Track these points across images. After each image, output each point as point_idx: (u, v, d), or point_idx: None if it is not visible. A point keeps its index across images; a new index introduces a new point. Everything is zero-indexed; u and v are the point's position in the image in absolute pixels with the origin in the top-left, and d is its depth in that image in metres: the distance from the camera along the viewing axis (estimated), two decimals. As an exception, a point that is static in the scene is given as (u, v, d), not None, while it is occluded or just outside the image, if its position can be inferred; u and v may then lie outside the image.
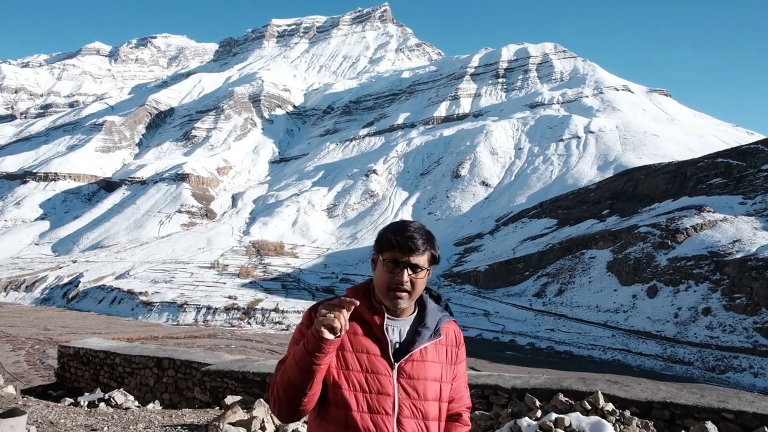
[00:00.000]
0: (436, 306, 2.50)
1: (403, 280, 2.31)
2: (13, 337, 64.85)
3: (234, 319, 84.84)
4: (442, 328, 2.44)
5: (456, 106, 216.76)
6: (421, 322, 2.41)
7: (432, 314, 2.44)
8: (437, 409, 2.37)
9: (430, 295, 2.53)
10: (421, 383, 2.33)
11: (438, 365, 2.39)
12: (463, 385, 2.56)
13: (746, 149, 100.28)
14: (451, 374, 2.45)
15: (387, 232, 2.39)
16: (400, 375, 2.31)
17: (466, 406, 2.58)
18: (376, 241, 2.43)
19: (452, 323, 2.53)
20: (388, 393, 2.28)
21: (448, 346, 2.47)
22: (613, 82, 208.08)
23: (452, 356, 2.47)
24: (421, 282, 2.37)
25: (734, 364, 58.56)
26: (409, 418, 2.29)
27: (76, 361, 15.05)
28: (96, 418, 8.67)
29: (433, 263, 2.41)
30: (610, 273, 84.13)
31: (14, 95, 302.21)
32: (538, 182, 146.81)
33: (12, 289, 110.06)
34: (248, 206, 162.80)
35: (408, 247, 2.31)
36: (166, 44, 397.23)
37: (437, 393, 2.37)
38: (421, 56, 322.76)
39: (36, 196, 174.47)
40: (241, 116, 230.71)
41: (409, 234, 2.34)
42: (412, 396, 2.31)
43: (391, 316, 2.39)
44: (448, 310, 2.55)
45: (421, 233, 2.37)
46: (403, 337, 2.39)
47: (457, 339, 2.53)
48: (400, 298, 2.34)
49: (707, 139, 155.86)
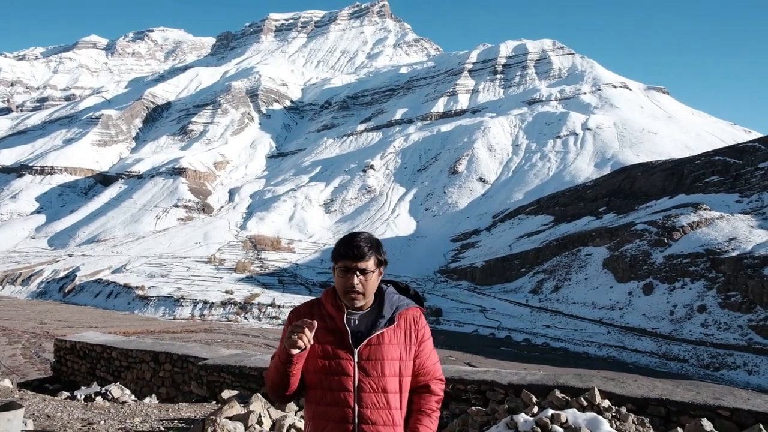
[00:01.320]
0: (397, 296, 2.95)
1: (354, 283, 2.77)
2: (10, 330, 64.76)
3: (230, 313, 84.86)
4: (398, 315, 2.87)
5: (454, 102, 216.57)
6: (379, 313, 2.85)
7: (388, 305, 2.88)
8: (397, 384, 2.80)
9: (397, 287, 3.01)
10: (379, 363, 2.76)
11: (396, 346, 2.82)
12: (430, 361, 2.95)
13: (743, 147, 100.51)
14: (411, 353, 2.88)
15: (338, 244, 2.84)
16: (360, 358, 2.75)
17: (436, 378, 2.99)
18: (331, 253, 2.88)
19: (412, 309, 2.94)
20: (348, 374, 2.73)
21: (407, 329, 2.88)
22: (611, 79, 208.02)
23: (411, 337, 2.88)
24: (371, 283, 2.82)
25: (729, 361, 58.80)
26: (368, 393, 2.73)
27: (72, 354, 15.04)
28: (93, 411, 8.67)
29: (380, 265, 2.86)
30: (606, 270, 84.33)
31: (10, 88, 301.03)
32: (535, 179, 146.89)
33: (8, 282, 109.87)
34: (245, 201, 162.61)
35: (354, 254, 2.76)
36: (163, 38, 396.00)
37: (396, 370, 2.80)
38: (419, 52, 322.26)
39: (32, 190, 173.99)
40: (239, 111, 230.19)
41: (356, 244, 2.78)
42: (371, 374, 2.74)
43: (352, 310, 2.85)
44: (416, 298, 3.00)
45: (365, 242, 2.81)
46: (364, 326, 2.83)
47: (416, 322, 2.92)
48: (355, 299, 2.81)
49: (705, 137, 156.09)
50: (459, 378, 8.18)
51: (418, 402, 2.94)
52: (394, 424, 2.79)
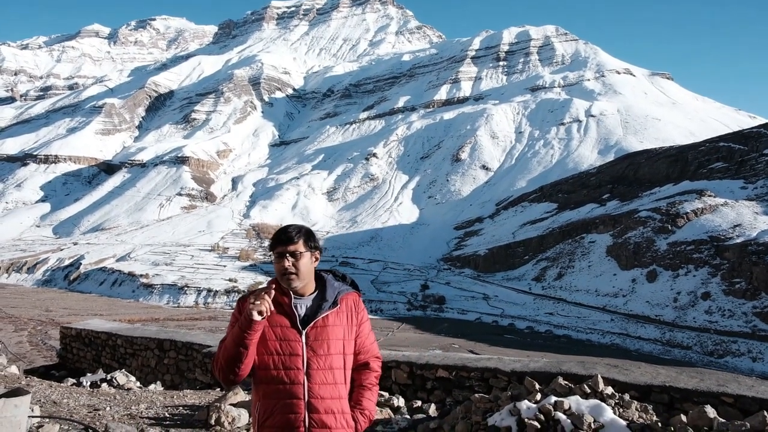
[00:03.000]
0: (337, 283, 3.20)
1: (286, 265, 3.01)
2: (16, 318, 65.21)
3: (234, 301, 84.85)
4: (340, 299, 3.12)
5: (456, 90, 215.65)
6: (323, 298, 3.10)
7: (330, 290, 3.13)
8: (341, 361, 3.06)
9: (334, 275, 3.26)
10: (325, 342, 3.00)
11: (340, 327, 3.07)
12: (368, 341, 3.25)
13: (748, 133, 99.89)
14: (352, 333, 3.15)
15: (273, 235, 3.13)
16: (308, 339, 2.99)
17: (374, 356, 3.28)
18: (269, 245, 3.23)
19: (352, 294, 3.21)
20: (297, 353, 2.97)
21: (348, 312, 3.15)
22: (615, 66, 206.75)
23: (352, 319, 3.15)
24: (303, 264, 3.05)
25: (733, 348, 58.88)
26: (316, 370, 2.97)
27: (78, 342, 15.13)
28: (98, 398, 8.73)
29: (311, 250, 3.11)
30: (610, 257, 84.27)
31: (14, 77, 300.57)
32: (538, 166, 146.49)
33: (14, 270, 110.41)
34: (248, 189, 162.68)
35: (283, 239, 3.05)
36: (165, 26, 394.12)
37: (341, 348, 3.05)
38: (421, 39, 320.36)
39: (36, 179, 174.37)
40: (241, 99, 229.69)
41: (285, 231, 3.08)
42: (318, 353, 2.98)
43: (297, 296, 3.09)
44: (353, 285, 3.27)
45: (294, 229, 3.09)
46: (309, 310, 3.08)
47: (356, 305, 3.20)
48: (291, 280, 3.03)
49: (709, 123, 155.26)
50: (462, 365, 8.19)
51: (359, 378, 3.24)
52: (340, 398, 3.04)
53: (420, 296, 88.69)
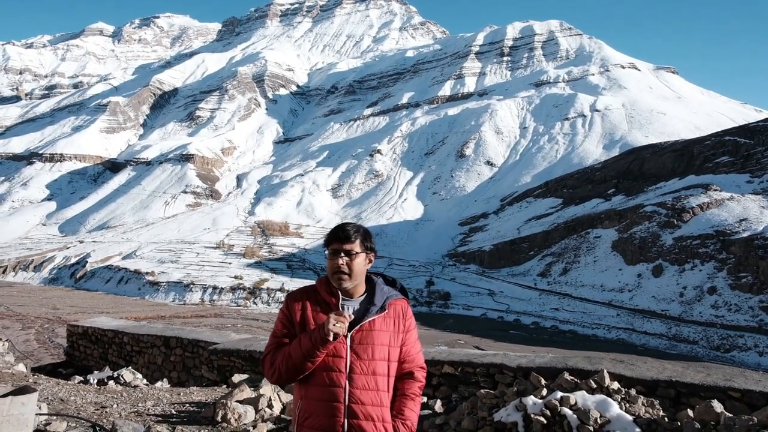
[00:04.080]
0: (386, 288, 3.15)
1: (340, 264, 2.98)
2: (23, 316, 65.51)
3: (240, 298, 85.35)
4: (389, 304, 3.07)
5: (460, 85, 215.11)
6: (371, 301, 3.06)
7: (379, 294, 3.08)
8: (385, 367, 3.00)
9: (384, 279, 3.22)
10: (370, 347, 2.96)
11: (386, 333, 3.02)
12: (414, 350, 3.19)
13: (754, 127, 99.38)
14: (398, 340, 3.09)
15: (329, 231, 3.12)
16: (353, 341, 2.94)
17: (419, 366, 3.22)
18: (324, 241, 3.15)
19: (400, 300, 3.16)
20: (341, 355, 2.91)
21: (395, 318, 3.09)
22: (620, 60, 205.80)
23: (399, 326, 3.09)
24: (357, 265, 3.02)
25: (739, 343, 58.71)
26: (359, 374, 2.91)
27: (84, 339, 15.20)
28: (105, 395, 8.77)
29: (367, 251, 3.08)
30: (615, 252, 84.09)
31: (19, 76, 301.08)
32: (543, 161, 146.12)
33: (21, 269, 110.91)
34: (253, 186, 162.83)
35: (341, 237, 3.01)
36: (169, 24, 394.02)
37: (385, 354, 3.00)
38: (425, 35, 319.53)
39: (42, 177, 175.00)
40: (245, 96, 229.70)
41: (343, 228, 3.05)
42: (362, 357, 2.94)
43: (346, 297, 3.05)
44: (402, 291, 3.22)
45: (352, 227, 3.07)
46: (356, 313, 3.03)
47: (404, 312, 3.14)
48: (342, 279, 3.00)
49: (715, 117, 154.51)
50: (468, 361, 8.20)
51: (403, 387, 3.16)
52: (382, 405, 2.98)
53: (425, 292, 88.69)
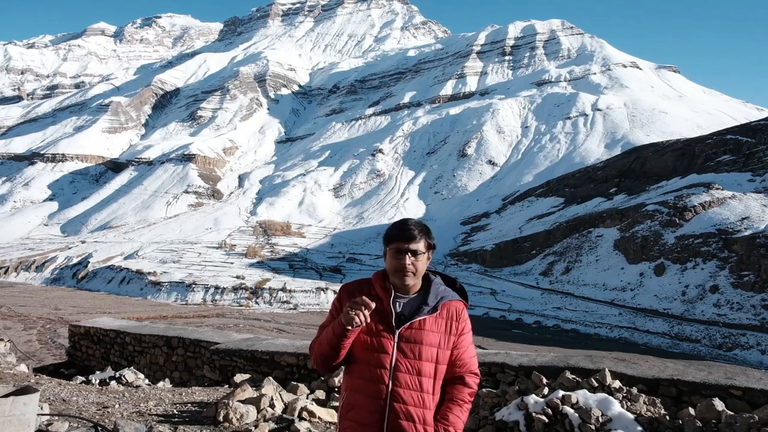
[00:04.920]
0: (443, 288, 3.09)
1: (406, 263, 2.95)
2: (25, 316, 65.58)
3: (242, 298, 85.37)
4: (442, 305, 3.01)
5: (462, 85, 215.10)
6: (424, 300, 3.01)
7: (434, 294, 3.03)
8: (432, 369, 2.93)
9: (444, 279, 3.17)
10: (417, 347, 2.90)
11: (436, 334, 2.95)
12: (467, 354, 3.07)
13: (756, 126, 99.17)
14: (449, 343, 3.00)
15: (391, 228, 3.06)
16: (400, 339, 2.91)
17: (471, 372, 3.09)
18: (383, 237, 3.08)
19: (456, 302, 3.07)
20: (387, 352, 2.89)
21: (448, 319, 3.01)
22: (621, 59, 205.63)
23: (451, 328, 3.01)
24: (422, 264, 3.01)
25: (741, 341, 58.62)
26: (403, 373, 2.87)
27: (86, 340, 15.21)
28: (107, 395, 8.78)
29: (429, 248, 3.05)
30: (617, 251, 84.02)
31: (21, 76, 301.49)
32: (545, 161, 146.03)
33: (22, 269, 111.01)
34: (255, 186, 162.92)
35: (406, 236, 2.96)
36: (170, 24, 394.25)
37: (433, 356, 2.93)
38: (426, 34, 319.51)
39: (44, 177, 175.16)
40: (247, 96, 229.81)
41: (407, 227, 3.00)
42: (408, 356, 2.89)
43: (400, 294, 3.02)
44: (461, 292, 3.14)
45: (416, 226, 3.02)
46: (408, 310, 2.98)
47: (458, 315, 3.05)
48: (406, 277, 2.96)
49: (716, 115, 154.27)
50: (469, 360, 8.19)
51: (452, 392, 3.05)
52: (424, 407, 2.90)
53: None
